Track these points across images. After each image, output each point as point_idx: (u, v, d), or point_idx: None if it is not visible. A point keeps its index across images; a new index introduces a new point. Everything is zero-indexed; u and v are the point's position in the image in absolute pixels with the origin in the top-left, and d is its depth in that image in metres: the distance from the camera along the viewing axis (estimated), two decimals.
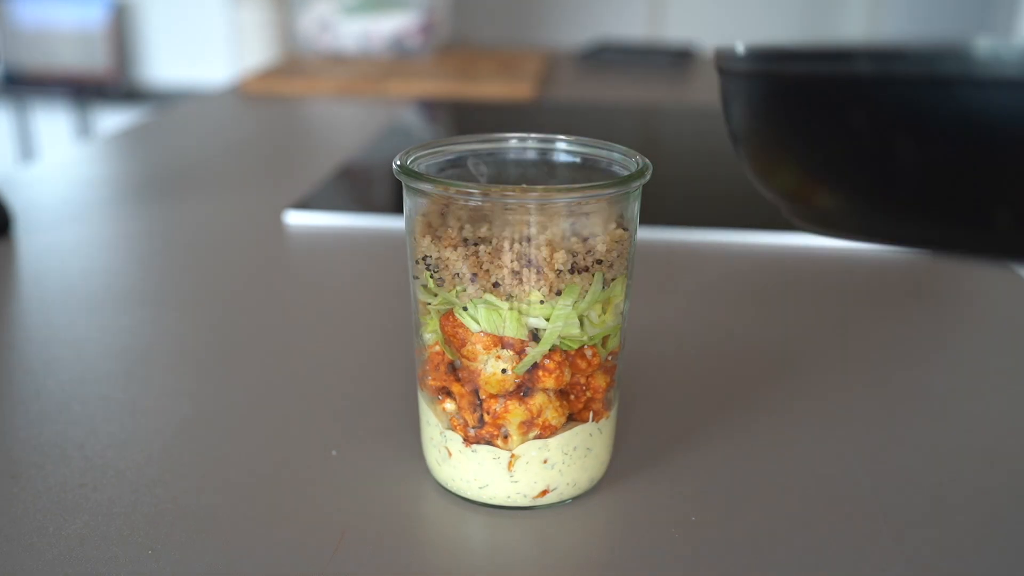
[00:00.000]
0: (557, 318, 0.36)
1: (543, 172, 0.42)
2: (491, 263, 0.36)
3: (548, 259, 0.35)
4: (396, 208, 0.81)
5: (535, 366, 0.37)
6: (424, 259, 0.37)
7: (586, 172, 0.42)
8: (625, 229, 0.38)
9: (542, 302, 0.36)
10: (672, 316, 0.61)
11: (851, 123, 0.23)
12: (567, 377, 0.38)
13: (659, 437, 0.46)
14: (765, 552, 0.38)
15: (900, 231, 0.24)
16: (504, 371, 0.37)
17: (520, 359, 0.37)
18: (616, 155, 0.40)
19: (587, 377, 0.39)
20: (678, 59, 1.76)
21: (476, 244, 0.36)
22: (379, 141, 1.07)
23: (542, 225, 0.35)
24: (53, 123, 2.94)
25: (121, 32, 2.82)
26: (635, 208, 0.39)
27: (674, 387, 0.52)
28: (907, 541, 0.39)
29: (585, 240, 0.36)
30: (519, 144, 0.43)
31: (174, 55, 2.86)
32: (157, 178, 0.93)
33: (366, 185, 0.92)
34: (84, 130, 2.90)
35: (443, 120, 1.27)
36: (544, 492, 0.40)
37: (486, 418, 0.38)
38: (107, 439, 0.45)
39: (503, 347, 0.37)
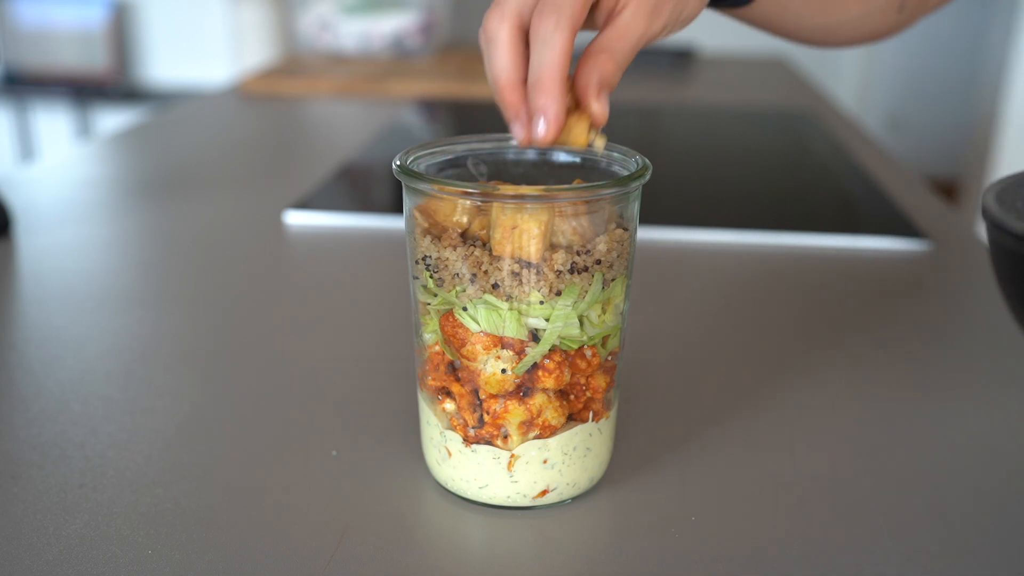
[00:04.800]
0: (557, 318, 0.36)
1: (543, 172, 0.42)
2: (490, 264, 0.36)
3: (548, 259, 0.35)
4: (396, 208, 0.81)
5: (535, 366, 0.37)
6: (424, 259, 0.37)
7: (586, 172, 0.42)
8: (625, 229, 0.38)
9: (542, 302, 0.36)
10: (672, 316, 0.61)
11: None
12: (567, 377, 0.38)
13: (659, 437, 0.46)
14: (765, 552, 0.38)
15: None
16: (504, 371, 0.37)
17: (520, 359, 0.37)
18: (616, 155, 0.40)
19: (587, 377, 0.39)
20: (678, 59, 1.76)
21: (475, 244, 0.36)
22: (379, 141, 1.07)
23: (542, 224, 0.35)
24: (53, 123, 2.94)
25: (121, 32, 2.82)
26: (635, 208, 0.39)
27: (674, 387, 0.52)
28: (907, 541, 0.39)
29: (585, 240, 0.36)
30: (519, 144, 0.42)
31: (174, 55, 2.86)
32: (157, 178, 0.93)
33: (366, 185, 0.92)
34: (84, 130, 2.90)
35: (443, 120, 1.27)
36: (544, 492, 0.40)
37: (486, 418, 0.38)
38: (107, 439, 0.45)
39: (503, 347, 0.37)
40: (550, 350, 0.37)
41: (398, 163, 0.38)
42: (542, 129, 0.35)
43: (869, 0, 0.51)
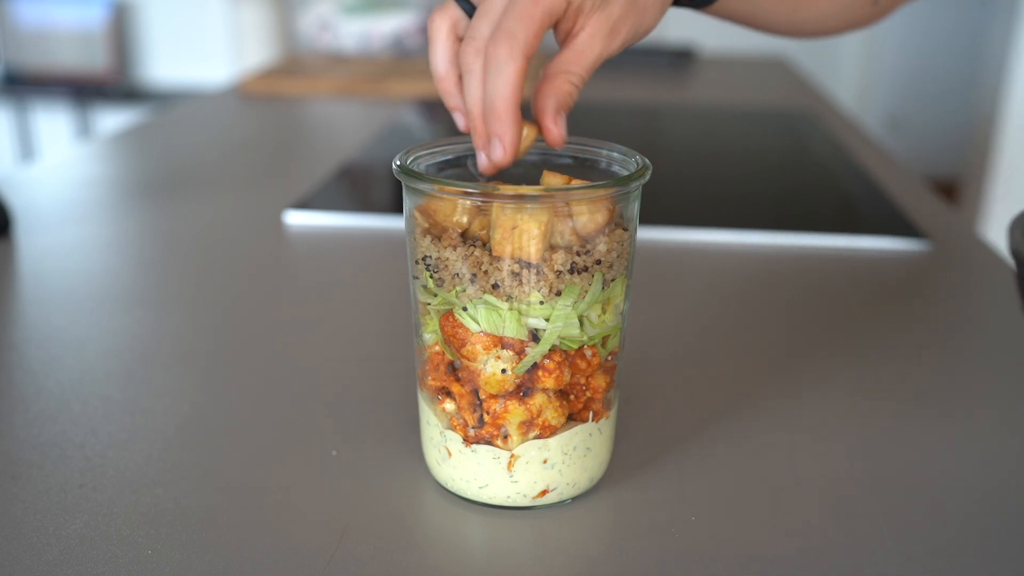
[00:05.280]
0: (557, 318, 0.36)
1: (543, 172, 0.42)
2: (490, 264, 0.36)
3: (548, 259, 0.35)
4: (396, 208, 0.81)
5: (535, 366, 0.37)
6: (424, 259, 0.37)
7: (586, 172, 0.42)
8: (625, 229, 0.38)
9: (542, 303, 0.36)
10: (672, 316, 0.61)
11: None
12: (567, 377, 0.38)
13: (659, 437, 0.46)
14: (765, 552, 0.38)
15: None
16: (504, 371, 0.37)
17: (520, 359, 0.37)
18: (616, 155, 0.40)
19: (587, 377, 0.39)
20: (678, 59, 1.76)
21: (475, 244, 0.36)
22: (379, 141, 1.07)
23: (542, 225, 0.35)
24: (53, 123, 2.94)
25: (121, 32, 2.82)
26: (635, 208, 0.39)
27: (674, 387, 0.52)
28: (907, 541, 0.39)
29: (585, 240, 0.36)
30: None
31: (174, 55, 2.86)
32: (157, 178, 0.93)
33: (366, 185, 0.92)
34: (84, 130, 2.90)
35: (443, 120, 1.27)
36: (544, 492, 0.40)
37: (486, 418, 0.38)
38: (107, 439, 0.45)
39: (503, 347, 0.37)
40: (550, 350, 0.37)
41: (398, 163, 0.38)
42: (499, 154, 0.37)
43: None
